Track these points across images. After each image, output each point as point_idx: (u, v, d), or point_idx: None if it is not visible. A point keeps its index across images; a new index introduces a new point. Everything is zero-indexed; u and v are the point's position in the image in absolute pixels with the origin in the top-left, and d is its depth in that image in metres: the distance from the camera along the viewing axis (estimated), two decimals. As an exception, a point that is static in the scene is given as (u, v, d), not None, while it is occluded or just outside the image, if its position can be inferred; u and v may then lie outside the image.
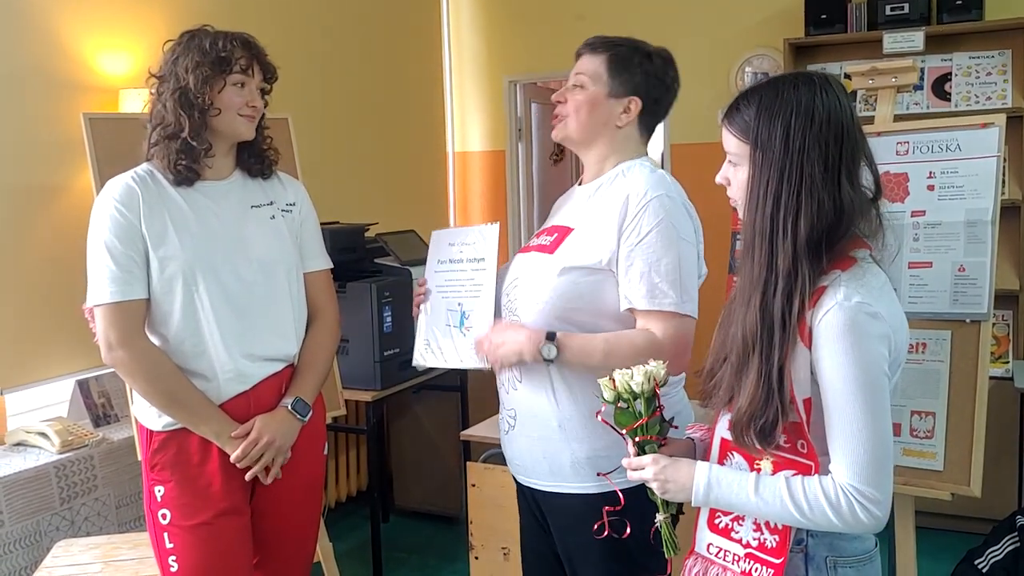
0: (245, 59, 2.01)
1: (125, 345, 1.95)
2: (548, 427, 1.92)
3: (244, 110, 2.02)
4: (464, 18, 5.53)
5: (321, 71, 4.40)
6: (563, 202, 2.10)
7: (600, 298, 1.86)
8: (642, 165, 1.95)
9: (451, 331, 2.02)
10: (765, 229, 1.44)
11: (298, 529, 2.21)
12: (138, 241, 1.96)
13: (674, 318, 1.80)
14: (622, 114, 1.93)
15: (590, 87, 1.93)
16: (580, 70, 1.95)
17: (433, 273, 2.10)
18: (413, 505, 4.41)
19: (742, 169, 1.49)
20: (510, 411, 2.01)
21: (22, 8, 2.99)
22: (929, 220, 2.32)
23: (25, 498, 2.63)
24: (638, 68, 1.92)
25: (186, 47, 2.00)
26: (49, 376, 3.05)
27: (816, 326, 1.41)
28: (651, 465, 1.54)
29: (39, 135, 3.02)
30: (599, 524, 1.75)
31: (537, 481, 1.98)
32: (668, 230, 1.81)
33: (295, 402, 2.09)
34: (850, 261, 1.46)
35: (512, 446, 2.02)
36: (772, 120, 1.43)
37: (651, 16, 4.97)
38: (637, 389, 1.55)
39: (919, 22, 4.09)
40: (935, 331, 2.30)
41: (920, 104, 4.19)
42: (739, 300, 1.48)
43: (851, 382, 1.39)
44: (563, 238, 1.93)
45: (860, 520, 1.40)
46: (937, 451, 2.25)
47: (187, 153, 1.99)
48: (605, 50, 1.94)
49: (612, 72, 1.92)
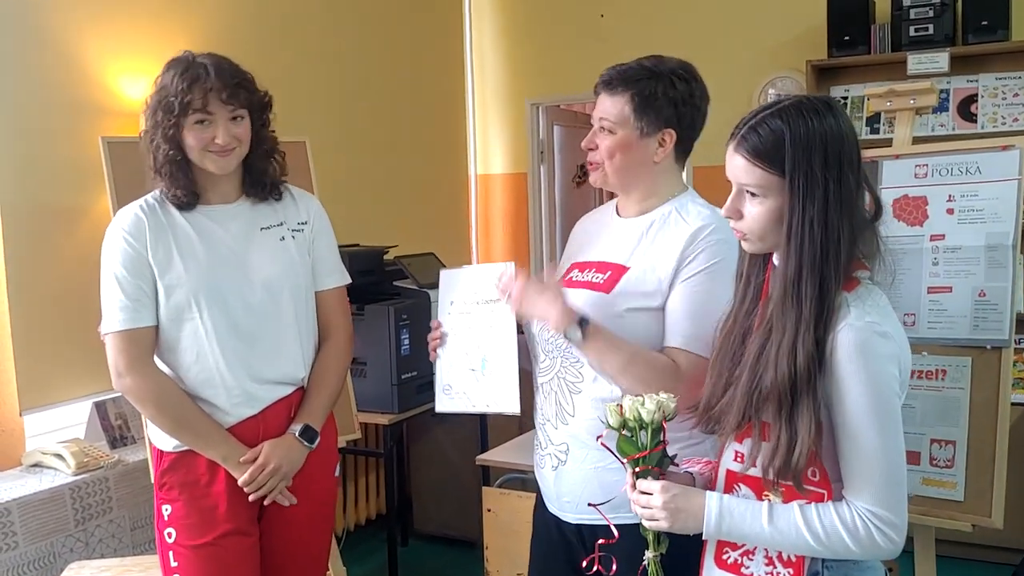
0: (198, 99, 1.92)
1: (133, 372, 1.97)
2: (607, 455, 1.75)
3: (211, 146, 1.97)
4: (487, 41, 5.55)
5: (342, 93, 4.42)
6: (597, 232, 2.00)
7: (654, 336, 1.80)
8: (695, 202, 1.88)
9: (474, 375, 1.94)
10: (816, 259, 1.39)
11: (308, 552, 2.19)
12: (146, 270, 1.98)
13: (698, 356, 1.75)
14: (658, 150, 1.84)
15: (619, 131, 1.83)
16: (603, 114, 1.84)
17: (447, 315, 2.00)
18: (432, 529, 4.38)
19: (764, 200, 1.44)
20: (560, 446, 1.91)
21: (47, 34, 3.03)
22: (948, 244, 2.28)
23: (40, 519, 2.64)
24: (664, 99, 1.81)
25: (156, 85, 1.98)
26: (67, 398, 3.07)
27: (825, 348, 1.38)
28: (660, 493, 1.49)
29: (61, 158, 3.06)
30: (589, 559, 1.70)
31: (592, 518, 1.81)
32: (718, 274, 1.76)
33: (303, 429, 2.08)
34: (854, 282, 1.44)
35: (564, 481, 1.90)
36: (809, 148, 1.39)
37: (673, 38, 4.96)
38: (646, 418, 1.52)
39: (944, 43, 4.04)
40: (955, 358, 2.25)
41: (946, 126, 4.14)
42: (782, 337, 1.41)
43: (864, 403, 1.36)
44: (618, 277, 1.84)
45: (878, 545, 1.37)
46: (957, 481, 2.20)
47: (175, 183, 1.99)
48: (625, 88, 1.82)
49: (639, 112, 1.81)
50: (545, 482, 1.97)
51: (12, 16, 2.93)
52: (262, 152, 2.08)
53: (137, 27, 3.33)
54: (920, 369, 2.27)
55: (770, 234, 1.46)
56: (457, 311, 1.98)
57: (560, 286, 1.84)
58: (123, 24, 3.28)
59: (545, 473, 1.96)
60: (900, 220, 2.34)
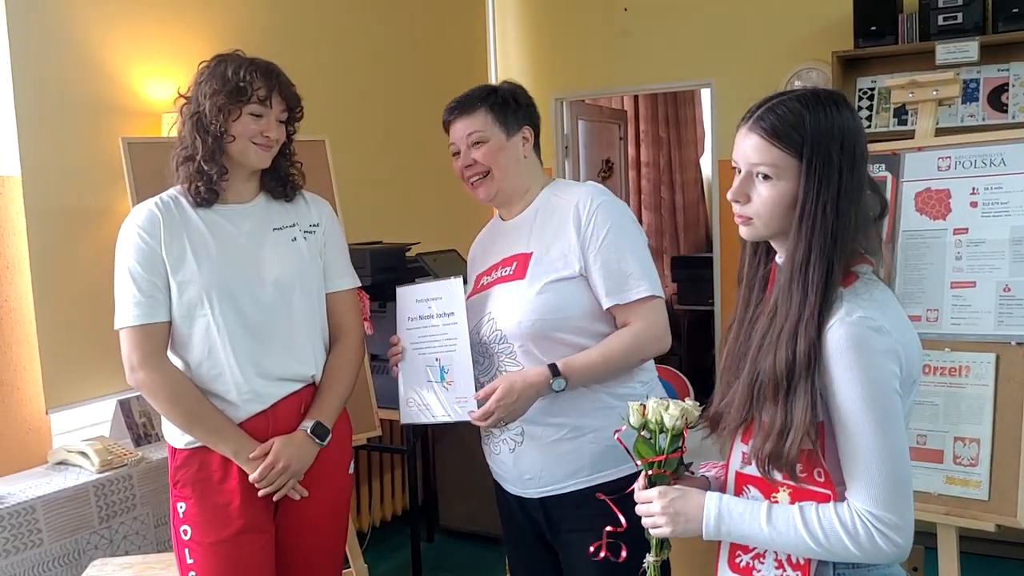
0: (264, 90, 2.01)
1: (146, 367, 1.99)
2: (561, 428, 1.97)
3: (258, 139, 2.03)
4: (510, 36, 5.53)
5: (364, 90, 4.42)
6: (491, 241, 2.19)
7: (581, 302, 1.96)
8: (562, 182, 2.13)
9: (433, 386, 2.05)
10: (825, 245, 1.37)
11: (323, 548, 2.20)
12: (159, 266, 2.01)
13: (649, 301, 1.94)
14: (524, 145, 2.08)
15: (490, 138, 2.06)
16: (468, 130, 2.08)
17: (405, 331, 2.12)
18: (458, 525, 4.38)
19: (776, 183, 1.41)
20: (514, 431, 2.01)
21: (72, 36, 3.06)
22: (972, 238, 2.24)
23: (64, 516, 2.66)
24: (513, 103, 2.07)
25: (211, 72, 2.03)
26: (92, 396, 3.10)
27: (820, 343, 1.36)
28: (658, 498, 1.48)
29: (84, 159, 3.09)
30: (597, 545, 1.73)
31: (554, 487, 1.99)
32: (623, 227, 1.96)
33: (314, 426, 2.09)
34: (852, 277, 1.41)
35: (523, 461, 2.02)
36: (829, 134, 1.38)
37: (696, 31, 4.93)
38: (668, 423, 1.50)
39: (973, 31, 3.96)
40: (979, 354, 2.21)
41: (975, 116, 4.06)
42: (784, 322, 1.40)
43: (860, 400, 1.33)
44: (526, 262, 2.01)
45: (880, 548, 1.34)
46: (982, 479, 2.16)
47: (201, 176, 2.03)
48: (478, 104, 2.08)
49: (499, 117, 2.06)
50: (503, 466, 2.07)
51: (38, 20, 2.96)
52: (288, 156, 2.16)
53: (160, 29, 3.36)
54: (943, 366, 2.23)
55: (778, 219, 1.43)
56: (414, 327, 2.10)
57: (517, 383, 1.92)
58: (146, 26, 3.30)
59: (502, 458, 2.06)
60: (922, 213, 2.30)
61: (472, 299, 2.08)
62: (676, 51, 5.02)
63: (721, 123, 4.91)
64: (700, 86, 5.68)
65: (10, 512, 2.53)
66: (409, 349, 2.11)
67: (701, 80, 5.14)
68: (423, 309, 2.08)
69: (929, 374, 2.23)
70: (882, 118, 4.27)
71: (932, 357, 2.24)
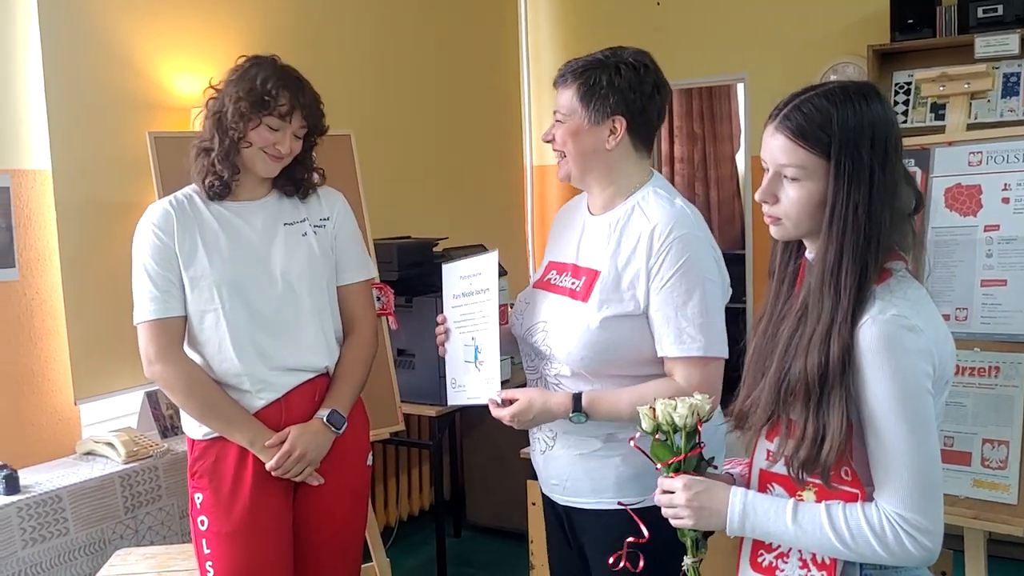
0: (287, 106, 2.05)
1: (163, 360, 2.05)
2: (592, 444, 1.91)
3: (270, 149, 2.07)
4: (543, 29, 5.51)
5: (392, 85, 4.43)
6: (572, 228, 2.03)
7: (639, 343, 1.85)
8: (656, 194, 1.90)
9: (468, 367, 2.00)
10: (858, 247, 1.35)
11: (340, 540, 2.23)
12: (173, 262, 2.06)
13: (700, 362, 1.79)
14: (610, 137, 1.87)
15: (568, 120, 1.88)
16: (556, 106, 1.91)
17: (450, 308, 2.06)
18: (484, 521, 4.39)
19: (804, 184, 1.38)
20: (548, 432, 1.98)
21: (101, 34, 3.10)
22: (1004, 235, 2.18)
23: (90, 506, 2.70)
24: (609, 87, 1.84)
25: (243, 74, 2.07)
26: (120, 387, 3.14)
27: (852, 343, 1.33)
28: (683, 490, 1.46)
29: (113, 154, 3.12)
30: (616, 556, 1.69)
31: (577, 500, 1.96)
32: (692, 271, 1.79)
33: (331, 414, 2.13)
34: (886, 274, 1.38)
35: (551, 465, 1.99)
36: (859, 131, 1.35)
37: (731, 26, 4.87)
38: (679, 422, 1.48)
39: (1014, 24, 3.87)
40: (1009, 354, 2.15)
41: (1016, 111, 3.97)
42: (816, 324, 1.37)
43: (890, 400, 1.30)
44: (592, 283, 1.88)
45: (908, 551, 1.31)
46: (1011, 483, 2.10)
47: (214, 170, 2.07)
48: (574, 79, 1.87)
49: (584, 100, 1.86)
50: (536, 464, 2.06)
51: (69, 18, 3.00)
52: (307, 164, 2.18)
53: (188, 24, 3.39)
54: (972, 366, 2.18)
55: (807, 220, 1.41)
56: (457, 304, 2.04)
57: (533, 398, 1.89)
58: (175, 21, 3.33)
59: (536, 456, 2.05)
60: (952, 210, 2.25)
61: (536, 292, 2.02)
62: (709, 46, 4.96)
63: (754, 118, 4.85)
64: (734, 81, 5.62)
65: (37, 501, 2.57)
66: (452, 328, 2.05)
67: (735, 75, 5.08)
68: (465, 286, 2.03)
69: (958, 374, 2.18)
70: (919, 113, 4.19)
71: (961, 357, 2.18)
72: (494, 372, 1.93)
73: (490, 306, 1.93)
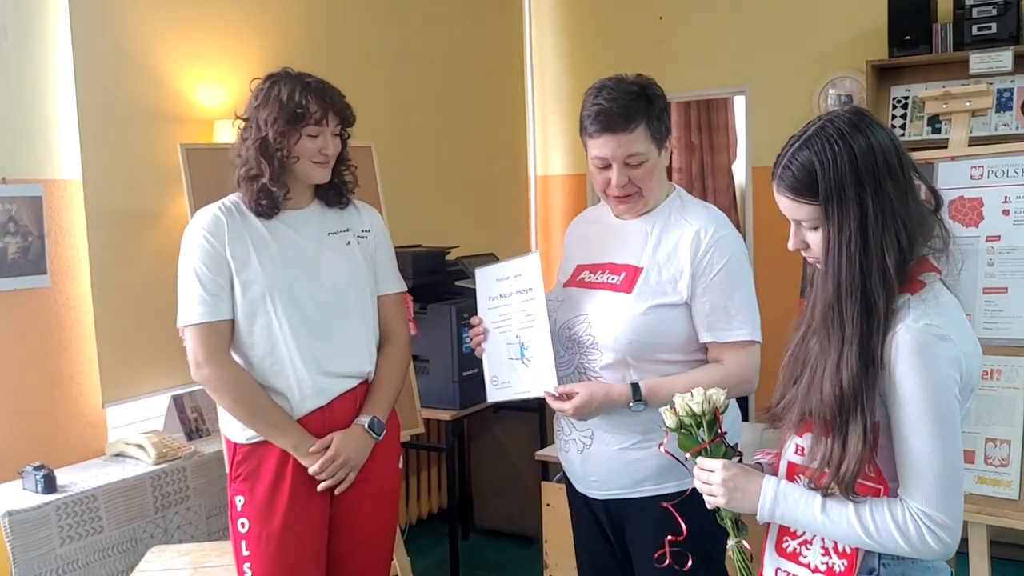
0: (320, 112, 2.10)
1: (212, 363, 2.09)
2: (631, 437, 2.01)
3: (317, 157, 2.13)
4: (547, 43, 5.62)
5: (405, 97, 4.53)
6: (599, 234, 2.14)
7: (680, 330, 2.00)
8: (689, 199, 2.08)
9: (514, 364, 2.10)
10: (855, 278, 1.43)
11: (374, 542, 2.29)
12: (224, 267, 2.10)
13: (746, 346, 1.98)
14: (666, 157, 2.04)
15: (648, 158, 1.98)
16: (630, 151, 1.95)
17: (486, 311, 2.17)
18: (493, 524, 4.46)
19: (820, 230, 1.48)
20: (584, 432, 2.07)
21: (126, 47, 3.19)
22: (1004, 245, 2.30)
23: (123, 506, 2.78)
24: (659, 117, 1.98)
25: (266, 96, 2.12)
26: (147, 391, 3.23)
27: (884, 350, 1.42)
28: (721, 470, 1.56)
29: (142, 165, 3.21)
30: (660, 553, 1.79)
31: (619, 491, 2.05)
32: (738, 265, 1.99)
33: (372, 421, 2.19)
34: (919, 284, 1.46)
35: (590, 463, 2.07)
36: (839, 172, 1.42)
37: (732, 40, 4.98)
38: (697, 410, 1.58)
39: (1008, 41, 3.99)
40: (1011, 358, 2.27)
41: (1009, 125, 4.09)
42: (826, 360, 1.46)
43: (919, 405, 1.39)
44: (634, 277, 2.01)
45: (929, 546, 1.40)
46: (1012, 479, 2.21)
47: (266, 194, 2.13)
48: (637, 121, 1.94)
49: (655, 137, 1.97)
50: (572, 464, 2.13)
51: (99, 32, 3.09)
52: (344, 161, 2.25)
53: (211, 35, 3.48)
54: (975, 369, 2.29)
55: None
56: (494, 306, 2.14)
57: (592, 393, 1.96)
58: (197, 33, 3.43)
59: (571, 456, 2.12)
60: (956, 221, 2.36)
61: (570, 290, 2.12)
62: (711, 59, 5.07)
63: (756, 131, 4.96)
64: (735, 94, 5.72)
65: (74, 500, 2.65)
66: (491, 329, 2.15)
67: (736, 88, 5.18)
68: (503, 288, 2.13)
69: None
70: (916, 127, 4.32)
71: (964, 360, 2.29)
72: (548, 367, 2.01)
73: (536, 304, 2.04)
